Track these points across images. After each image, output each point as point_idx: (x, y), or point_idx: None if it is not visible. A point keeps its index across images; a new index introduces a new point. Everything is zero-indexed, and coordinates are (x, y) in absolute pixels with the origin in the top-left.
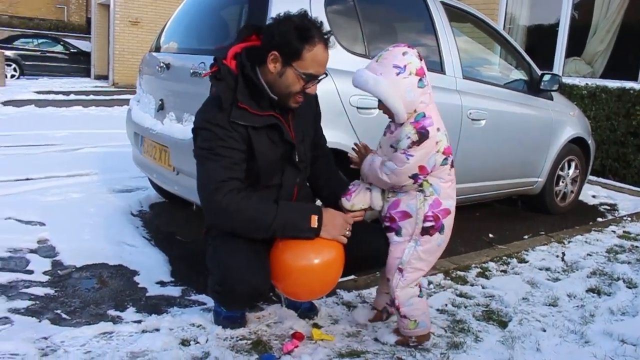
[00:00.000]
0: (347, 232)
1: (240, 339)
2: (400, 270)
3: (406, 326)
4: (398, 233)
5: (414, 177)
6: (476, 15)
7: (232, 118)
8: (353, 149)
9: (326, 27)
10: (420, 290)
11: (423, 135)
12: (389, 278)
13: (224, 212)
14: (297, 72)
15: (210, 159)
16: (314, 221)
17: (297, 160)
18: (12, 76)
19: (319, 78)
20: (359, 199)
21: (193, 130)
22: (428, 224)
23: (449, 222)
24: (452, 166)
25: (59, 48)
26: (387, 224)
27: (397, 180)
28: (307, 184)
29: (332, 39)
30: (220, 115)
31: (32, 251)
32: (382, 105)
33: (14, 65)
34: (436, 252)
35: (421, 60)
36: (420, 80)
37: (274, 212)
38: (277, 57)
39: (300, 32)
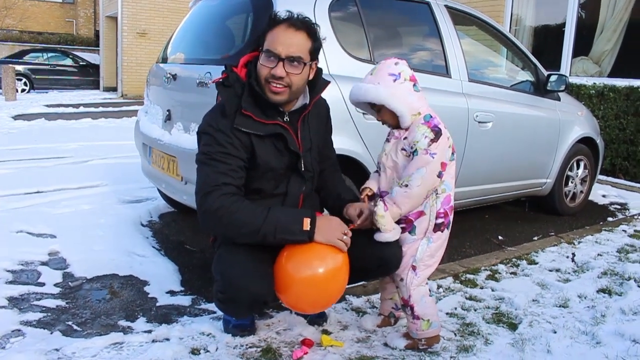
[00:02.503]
0: (345, 238)
1: (250, 347)
2: (414, 268)
3: (419, 327)
4: (412, 232)
5: (440, 175)
6: (480, 18)
7: (235, 125)
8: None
9: (329, 38)
10: (430, 291)
11: (438, 132)
12: (402, 278)
13: (215, 216)
14: (261, 52)
15: (207, 164)
16: (306, 224)
17: (302, 169)
18: (23, 90)
19: (281, 57)
20: (389, 215)
21: (197, 133)
22: (440, 220)
23: (452, 218)
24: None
25: (68, 61)
26: (403, 225)
27: (430, 183)
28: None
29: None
30: (223, 121)
31: (43, 263)
32: (384, 114)
33: (24, 80)
34: (443, 248)
35: (412, 71)
36: (414, 85)
37: (264, 214)
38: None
39: (269, 21)
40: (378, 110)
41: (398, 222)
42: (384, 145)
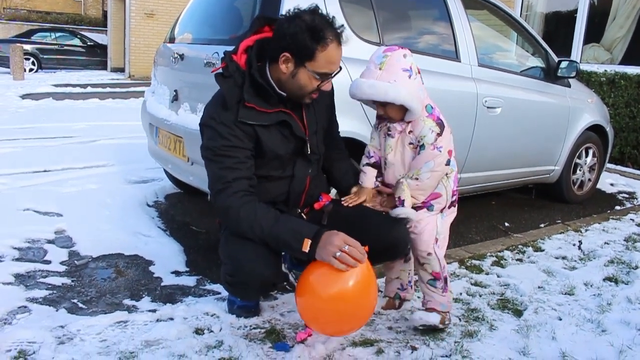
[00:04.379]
0: (339, 254)
1: (254, 328)
2: (437, 240)
3: (449, 299)
4: (430, 208)
5: (448, 162)
6: (492, 2)
7: (239, 118)
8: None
9: (339, 20)
10: None
11: (441, 125)
12: (430, 252)
13: (226, 214)
14: (311, 73)
15: (214, 161)
16: (306, 245)
17: (309, 152)
18: (31, 70)
19: (335, 74)
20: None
21: (199, 125)
22: (454, 197)
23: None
24: None
25: (76, 41)
26: (419, 205)
27: (440, 173)
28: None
29: (345, 33)
30: (225, 114)
31: (49, 241)
32: (391, 110)
33: (32, 59)
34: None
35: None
36: (421, 77)
37: (269, 225)
38: (289, 58)
39: (312, 33)
40: (384, 104)
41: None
42: (385, 141)
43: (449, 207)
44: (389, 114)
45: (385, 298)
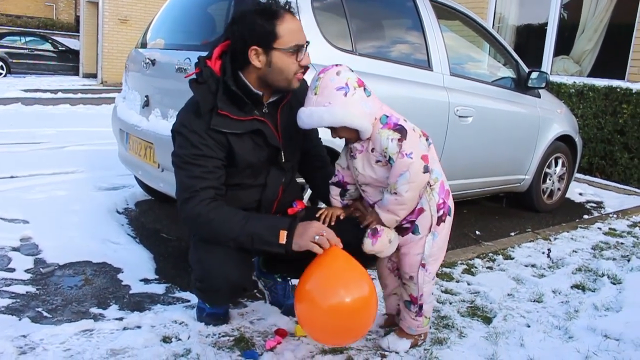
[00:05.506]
0: (318, 238)
1: (223, 336)
2: (423, 265)
3: (421, 324)
4: (415, 231)
5: (426, 170)
6: (464, 13)
7: (212, 125)
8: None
9: (312, 29)
10: None
11: (401, 129)
12: (412, 276)
13: (195, 222)
14: (283, 51)
15: (183, 168)
16: (283, 237)
17: (282, 161)
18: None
19: (306, 45)
20: (381, 245)
21: (171, 132)
22: (441, 212)
23: (451, 201)
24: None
25: (47, 46)
26: (406, 225)
27: (419, 183)
28: (299, 177)
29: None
30: (197, 122)
31: (14, 249)
32: (340, 131)
33: (1, 64)
34: (448, 237)
35: (353, 72)
36: (364, 89)
37: (241, 224)
38: (258, 50)
39: (264, 16)
40: (333, 128)
41: (399, 226)
42: (351, 163)
43: (439, 224)
44: (340, 135)
45: (384, 316)
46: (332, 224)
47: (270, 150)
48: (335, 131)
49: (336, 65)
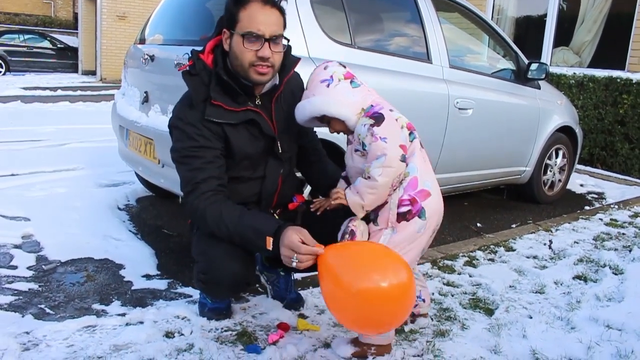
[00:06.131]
0: (295, 264)
1: (225, 330)
2: None
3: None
4: (374, 222)
5: (403, 159)
6: (463, 5)
7: (206, 116)
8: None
9: (311, 22)
10: None
11: (379, 116)
12: None
13: (194, 215)
14: (238, 36)
15: (182, 163)
16: (269, 243)
17: (279, 152)
18: None
19: (265, 37)
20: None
21: (168, 127)
22: (404, 208)
23: (432, 206)
24: (421, 146)
25: (45, 44)
26: (371, 216)
27: (394, 170)
28: (297, 172)
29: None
30: (191, 113)
31: (16, 246)
32: (333, 124)
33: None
34: (418, 240)
35: (345, 67)
36: (352, 82)
37: (233, 223)
38: (226, 32)
39: (235, 0)
40: (328, 122)
41: (367, 216)
42: (345, 155)
43: (399, 221)
44: (335, 127)
45: None
46: (318, 214)
47: (266, 141)
48: (329, 125)
49: (328, 61)
